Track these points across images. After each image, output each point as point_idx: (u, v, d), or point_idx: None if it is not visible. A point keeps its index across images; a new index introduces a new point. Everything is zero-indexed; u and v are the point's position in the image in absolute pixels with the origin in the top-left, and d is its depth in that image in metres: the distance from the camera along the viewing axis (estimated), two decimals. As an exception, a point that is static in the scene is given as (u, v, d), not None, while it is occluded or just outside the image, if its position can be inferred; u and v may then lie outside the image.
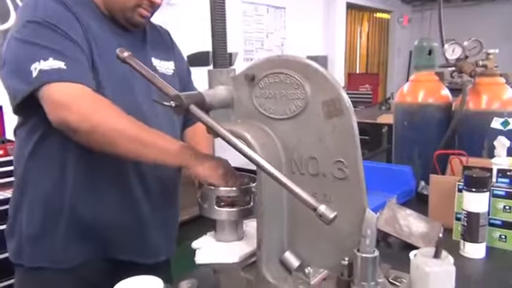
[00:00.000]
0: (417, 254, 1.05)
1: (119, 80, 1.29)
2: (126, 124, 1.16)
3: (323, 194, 1.00)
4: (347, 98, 0.96)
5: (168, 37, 1.57)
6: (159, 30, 1.54)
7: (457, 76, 1.94)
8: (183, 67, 1.59)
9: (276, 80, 1.02)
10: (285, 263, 1.04)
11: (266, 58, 1.05)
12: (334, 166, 0.98)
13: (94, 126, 1.14)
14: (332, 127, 0.97)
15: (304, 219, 1.02)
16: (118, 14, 1.33)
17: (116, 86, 1.28)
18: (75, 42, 1.21)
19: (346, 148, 0.96)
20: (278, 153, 1.03)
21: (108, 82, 1.26)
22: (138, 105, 1.31)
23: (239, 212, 1.12)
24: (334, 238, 0.99)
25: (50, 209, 1.29)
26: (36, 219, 1.30)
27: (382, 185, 1.73)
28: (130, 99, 1.30)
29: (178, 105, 0.95)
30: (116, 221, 1.33)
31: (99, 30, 1.29)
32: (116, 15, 1.34)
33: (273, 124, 1.04)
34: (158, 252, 1.45)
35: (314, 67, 0.98)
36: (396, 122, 2.11)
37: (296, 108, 1.00)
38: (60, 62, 1.15)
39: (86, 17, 1.26)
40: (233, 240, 1.15)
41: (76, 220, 1.29)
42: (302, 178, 1.02)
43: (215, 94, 1.07)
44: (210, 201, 1.12)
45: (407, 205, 1.60)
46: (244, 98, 1.07)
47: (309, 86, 0.98)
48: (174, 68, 1.50)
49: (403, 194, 1.79)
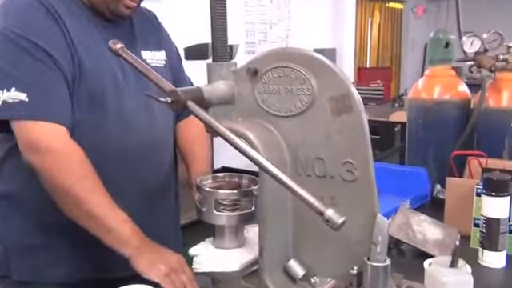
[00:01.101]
0: (432, 262, 1.05)
1: (106, 76, 1.29)
2: (84, 193, 1.18)
3: (331, 198, 1.00)
4: (357, 94, 0.96)
5: (156, 21, 1.56)
6: (146, 15, 1.52)
7: (475, 71, 1.94)
8: (173, 54, 1.58)
9: (280, 74, 1.02)
10: (289, 272, 1.04)
11: (269, 51, 1.05)
12: (342, 167, 0.98)
13: (54, 186, 1.19)
14: (340, 125, 0.97)
15: (310, 224, 1.02)
16: (100, 5, 1.32)
17: (107, 86, 1.28)
18: (48, 61, 1.19)
19: (356, 148, 0.96)
20: (282, 153, 1.03)
21: (99, 84, 1.26)
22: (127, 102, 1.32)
23: (240, 216, 1.12)
24: (343, 245, 0.99)
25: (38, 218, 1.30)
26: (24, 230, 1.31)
27: (395, 188, 1.73)
28: (117, 96, 1.30)
29: (175, 101, 0.95)
30: None
31: (81, 24, 1.28)
32: (99, 7, 1.32)
33: (277, 122, 1.04)
34: None
35: (321, 61, 0.98)
36: (410, 121, 2.10)
37: (302, 104, 1.00)
38: (22, 93, 1.16)
39: (67, 13, 1.25)
40: (233, 247, 1.15)
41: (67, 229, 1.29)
42: (307, 179, 1.02)
43: (215, 90, 1.07)
44: (209, 204, 1.12)
45: (421, 210, 1.60)
46: (246, 93, 1.07)
47: (315, 81, 0.98)
48: (165, 58, 1.50)
49: (417, 197, 1.79)
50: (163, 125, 1.45)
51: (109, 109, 1.29)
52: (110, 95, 1.29)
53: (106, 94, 1.28)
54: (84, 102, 1.26)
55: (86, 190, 1.19)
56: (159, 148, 1.44)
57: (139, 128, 1.36)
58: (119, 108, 1.31)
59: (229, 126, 0.95)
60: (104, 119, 1.29)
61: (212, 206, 1.11)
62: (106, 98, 1.28)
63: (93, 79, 1.26)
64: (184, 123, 1.60)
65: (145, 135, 1.37)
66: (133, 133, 1.34)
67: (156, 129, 1.41)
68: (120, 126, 1.31)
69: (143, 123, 1.37)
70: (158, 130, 1.42)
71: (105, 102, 1.28)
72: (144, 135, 1.37)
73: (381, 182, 1.01)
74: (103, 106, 1.28)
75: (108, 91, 1.29)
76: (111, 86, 1.29)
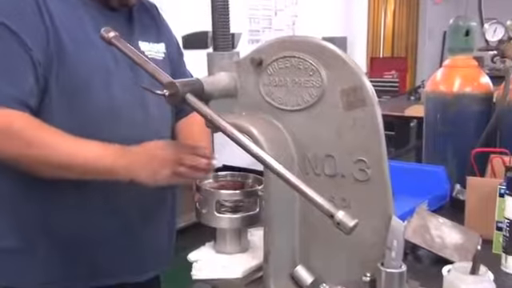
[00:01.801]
0: (451, 269, 1.05)
1: (93, 65, 1.29)
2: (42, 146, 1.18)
3: (342, 199, 1.00)
4: (370, 87, 0.96)
5: (156, 12, 1.56)
6: (145, 5, 1.52)
7: (499, 61, 1.93)
8: (174, 48, 1.58)
9: (287, 65, 1.02)
10: (296, 279, 1.05)
11: (275, 40, 1.05)
12: (354, 165, 0.98)
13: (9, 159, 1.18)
14: (352, 120, 0.97)
15: (319, 228, 1.02)
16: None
17: (93, 74, 1.28)
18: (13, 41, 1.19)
19: (369, 145, 0.96)
20: (289, 150, 1.03)
21: (84, 71, 1.26)
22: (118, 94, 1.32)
23: (243, 219, 1.13)
24: (354, 250, 0.99)
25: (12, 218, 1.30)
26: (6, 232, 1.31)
27: (411, 188, 1.73)
28: (106, 87, 1.30)
29: (173, 93, 0.95)
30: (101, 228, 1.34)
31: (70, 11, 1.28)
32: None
33: (283, 116, 1.04)
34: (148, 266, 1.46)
35: (331, 50, 0.98)
36: (427, 115, 2.10)
37: (310, 98, 1.00)
38: None
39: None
40: (236, 252, 1.15)
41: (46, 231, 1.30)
42: (317, 179, 1.02)
43: (216, 82, 1.07)
44: (210, 206, 1.12)
45: (440, 212, 1.60)
46: (249, 86, 1.07)
47: (325, 72, 0.98)
48: (164, 51, 1.50)
49: (435, 199, 1.79)
50: (159, 121, 1.44)
51: (95, 99, 1.28)
52: (97, 85, 1.28)
53: (92, 83, 1.28)
54: (66, 90, 1.25)
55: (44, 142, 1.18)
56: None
57: (132, 123, 1.36)
58: (108, 99, 1.31)
59: (231, 121, 0.95)
60: (90, 110, 1.29)
61: (213, 208, 1.12)
62: (92, 87, 1.28)
63: (76, 66, 1.25)
64: (184, 122, 1.60)
65: (138, 131, 1.37)
66: (124, 127, 1.34)
67: (151, 125, 1.41)
68: (109, 119, 1.31)
69: (136, 118, 1.37)
70: (153, 126, 1.42)
71: (90, 91, 1.27)
72: (137, 131, 1.37)
73: (396, 181, 1.01)
74: (88, 96, 1.27)
75: (94, 80, 1.28)
76: (99, 75, 1.29)
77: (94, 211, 1.33)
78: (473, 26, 2.06)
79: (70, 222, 1.31)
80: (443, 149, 2.02)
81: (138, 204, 1.39)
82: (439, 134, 2.03)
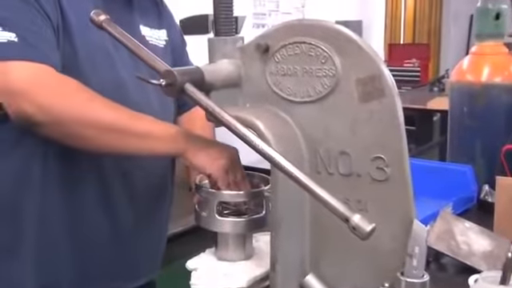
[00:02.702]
0: (478, 279, 1.05)
1: (98, 51, 1.30)
2: (98, 110, 1.19)
3: (357, 201, 1.00)
4: (390, 76, 0.95)
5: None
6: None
7: (533, 47, 1.93)
8: (176, 36, 1.60)
9: (296, 52, 1.02)
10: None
11: (283, 24, 1.05)
12: (371, 163, 0.98)
13: (56, 118, 1.17)
14: (369, 113, 0.97)
15: (332, 233, 1.02)
16: None
17: (95, 58, 1.29)
18: (37, 6, 1.22)
19: (388, 140, 0.96)
20: (298, 146, 1.03)
21: (85, 54, 1.28)
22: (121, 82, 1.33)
23: (248, 223, 1.13)
24: (371, 258, 0.99)
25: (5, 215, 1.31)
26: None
27: (434, 189, 1.73)
28: (111, 75, 1.31)
29: (170, 83, 0.95)
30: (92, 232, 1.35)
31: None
32: None
33: (292, 109, 1.04)
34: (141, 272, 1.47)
35: (346, 35, 0.98)
36: (452, 108, 2.10)
37: (323, 88, 1.00)
38: (11, 33, 1.17)
39: None
40: (239, 259, 1.16)
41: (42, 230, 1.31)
42: (329, 178, 1.02)
43: (217, 70, 1.07)
44: (210, 208, 1.12)
45: (466, 215, 1.60)
46: (255, 75, 1.07)
47: (339, 60, 0.98)
48: (166, 38, 1.52)
49: (461, 201, 1.79)
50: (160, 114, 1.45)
51: (101, 77, 1.29)
52: (102, 64, 1.31)
53: (97, 62, 1.30)
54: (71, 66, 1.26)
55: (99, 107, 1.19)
56: None
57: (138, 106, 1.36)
58: (115, 79, 1.32)
59: (235, 114, 0.95)
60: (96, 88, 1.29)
61: (214, 210, 1.12)
62: (98, 65, 1.30)
63: (80, 44, 1.27)
64: (187, 117, 1.61)
65: None
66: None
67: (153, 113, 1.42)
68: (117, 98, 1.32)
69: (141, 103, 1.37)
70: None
71: (96, 69, 1.29)
72: None
73: (417, 182, 1.01)
74: (94, 73, 1.28)
75: (98, 60, 1.30)
76: (102, 56, 1.31)
77: (87, 214, 1.34)
78: (503, 9, 2.05)
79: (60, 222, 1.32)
80: (470, 145, 2.01)
81: (133, 209, 1.40)
82: (465, 128, 2.03)
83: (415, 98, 5.47)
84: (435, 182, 1.78)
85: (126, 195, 1.37)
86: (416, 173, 0.99)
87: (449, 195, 1.74)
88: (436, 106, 5.02)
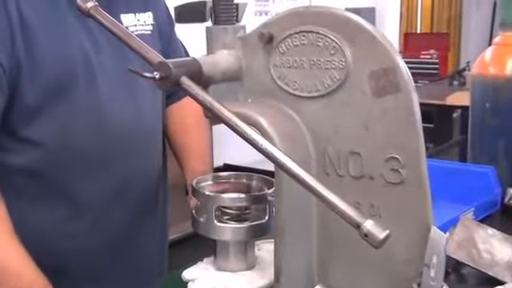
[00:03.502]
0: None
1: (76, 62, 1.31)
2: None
3: (370, 205, 1.00)
4: (406, 69, 0.95)
5: None
6: None
7: (563, 38, 1.92)
8: (163, 17, 1.59)
9: (303, 42, 1.02)
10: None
11: (288, 11, 1.05)
12: (385, 164, 0.98)
13: None
14: (383, 109, 0.97)
15: (341, 240, 1.03)
16: None
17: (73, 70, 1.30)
18: None
19: (403, 139, 0.96)
20: (305, 146, 1.04)
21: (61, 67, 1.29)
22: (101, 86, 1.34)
23: (249, 229, 1.13)
24: (385, 268, 1.00)
25: None
26: None
27: (454, 193, 1.73)
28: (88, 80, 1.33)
29: (164, 76, 0.95)
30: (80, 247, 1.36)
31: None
32: None
33: (299, 105, 1.04)
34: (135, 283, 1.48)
35: (358, 23, 0.98)
36: (473, 104, 2.10)
37: (332, 82, 1.00)
38: None
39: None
40: (240, 269, 1.16)
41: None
42: (339, 181, 1.02)
43: (216, 62, 1.07)
44: (209, 213, 1.13)
45: (489, 221, 1.59)
46: (258, 67, 1.08)
47: (351, 51, 0.98)
48: (152, 22, 1.51)
49: (483, 206, 1.78)
50: (150, 112, 1.46)
51: (76, 97, 1.31)
52: (79, 83, 1.32)
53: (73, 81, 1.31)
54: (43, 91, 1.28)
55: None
56: (145, 144, 1.46)
57: (118, 119, 1.37)
58: (91, 95, 1.33)
59: (235, 110, 0.95)
60: (71, 110, 1.31)
61: (212, 216, 1.12)
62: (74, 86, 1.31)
63: (51, 64, 1.28)
64: (176, 107, 1.61)
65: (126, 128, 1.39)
66: (110, 126, 1.36)
67: (142, 122, 1.42)
68: (92, 118, 1.33)
69: (124, 112, 1.38)
70: (144, 119, 1.43)
71: (71, 89, 1.31)
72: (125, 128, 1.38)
73: (435, 184, 1.01)
74: (69, 95, 1.31)
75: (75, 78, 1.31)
76: (80, 69, 1.32)
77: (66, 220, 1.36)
78: (530, -5, 2.05)
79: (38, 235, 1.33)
80: (493, 145, 2.01)
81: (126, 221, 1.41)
82: (488, 126, 2.03)
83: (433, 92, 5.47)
84: (455, 185, 1.78)
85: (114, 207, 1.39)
86: (434, 175, 1.00)
87: (470, 199, 1.74)
88: (456, 101, 5.02)
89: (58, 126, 1.31)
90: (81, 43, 1.32)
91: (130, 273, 1.48)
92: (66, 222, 1.37)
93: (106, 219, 1.39)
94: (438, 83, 6.40)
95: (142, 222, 1.48)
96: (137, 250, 1.47)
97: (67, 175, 1.35)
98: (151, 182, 1.49)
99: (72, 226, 1.37)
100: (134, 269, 1.48)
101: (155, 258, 1.57)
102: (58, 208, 1.36)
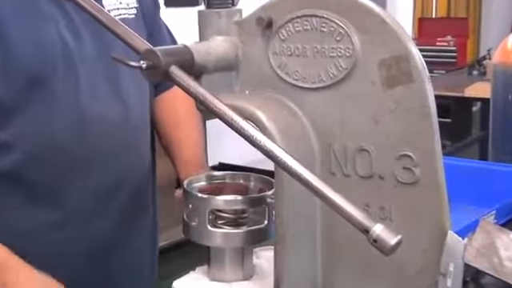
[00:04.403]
0: (526, 302, 1.05)
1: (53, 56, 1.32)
2: None
3: (380, 207, 1.00)
4: (419, 57, 0.95)
5: None
6: None
7: None
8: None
9: (306, 27, 1.02)
10: (318, 315, 1.05)
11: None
12: (396, 163, 0.98)
13: None
14: (394, 101, 0.97)
15: (348, 246, 1.03)
16: None
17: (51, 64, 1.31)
18: None
19: (417, 135, 0.97)
20: (309, 142, 1.04)
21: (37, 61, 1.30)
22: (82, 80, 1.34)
23: (247, 235, 1.13)
24: (396, 277, 1.00)
25: None
26: None
27: (473, 194, 1.73)
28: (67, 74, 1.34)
29: (152, 65, 0.95)
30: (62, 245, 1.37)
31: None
32: None
33: (301, 96, 1.04)
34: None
35: (366, 7, 0.98)
36: (495, 96, 2.10)
37: (338, 71, 1.00)
38: None
39: None
40: (236, 279, 1.16)
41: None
42: (346, 181, 1.02)
43: (210, 50, 1.07)
44: (201, 217, 1.13)
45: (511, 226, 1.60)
46: (255, 55, 1.08)
47: (359, 37, 0.98)
48: (136, 5, 1.52)
49: (505, 208, 1.79)
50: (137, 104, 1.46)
51: (55, 92, 1.32)
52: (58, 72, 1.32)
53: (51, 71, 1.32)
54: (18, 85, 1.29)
55: None
56: (131, 142, 1.46)
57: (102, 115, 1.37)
58: (71, 89, 1.33)
59: (231, 103, 0.95)
60: (49, 107, 1.32)
61: (206, 220, 1.12)
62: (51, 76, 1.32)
63: (26, 58, 1.29)
64: (166, 97, 1.61)
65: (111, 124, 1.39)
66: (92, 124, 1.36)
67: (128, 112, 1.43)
68: (73, 115, 1.34)
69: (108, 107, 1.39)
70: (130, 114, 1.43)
71: (49, 81, 1.31)
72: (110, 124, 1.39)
73: (452, 185, 1.01)
74: (47, 88, 1.31)
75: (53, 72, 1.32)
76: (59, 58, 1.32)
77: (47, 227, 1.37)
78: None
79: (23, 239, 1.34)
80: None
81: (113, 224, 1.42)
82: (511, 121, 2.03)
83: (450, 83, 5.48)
84: (474, 186, 1.79)
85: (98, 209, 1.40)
86: (451, 174, 1.00)
87: (491, 201, 1.74)
88: (476, 93, 5.02)
89: (35, 125, 1.31)
90: (58, 30, 1.32)
91: (121, 274, 1.50)
92: (53, 225, 1.38)
93: (94, 221, 1.41)
94: (456, 73, 6.40)
95: (133, 222, 1.50)
96: (127, 250, 1.49)
97: (49, 178, 1.35)
98: (142, 180, 1.50)
99: (59, 229, 1.38)
100: (124, 270, 1.50)
101: (146, 258, 1.59)
102: (43, 212, 1.37)
